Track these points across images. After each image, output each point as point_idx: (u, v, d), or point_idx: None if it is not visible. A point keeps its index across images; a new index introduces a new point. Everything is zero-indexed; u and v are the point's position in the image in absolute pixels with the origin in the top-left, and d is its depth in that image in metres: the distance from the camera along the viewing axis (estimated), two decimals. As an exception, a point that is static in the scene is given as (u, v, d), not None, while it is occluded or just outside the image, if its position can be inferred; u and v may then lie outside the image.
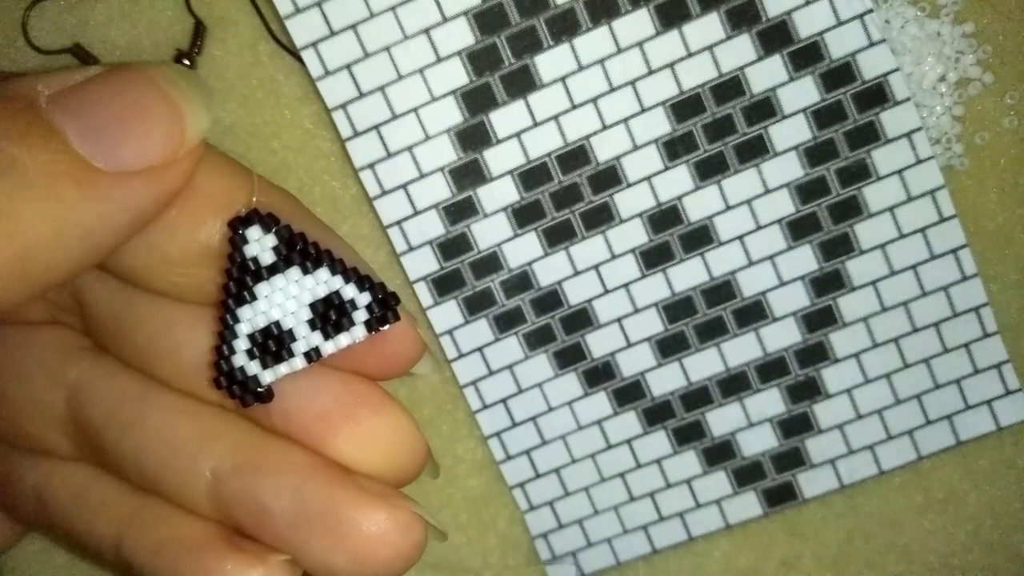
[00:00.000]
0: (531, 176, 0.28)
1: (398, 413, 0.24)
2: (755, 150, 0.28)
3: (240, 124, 0.29)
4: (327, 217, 0.29)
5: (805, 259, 0.29)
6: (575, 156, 0.28)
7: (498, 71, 0.28)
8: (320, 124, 0.29)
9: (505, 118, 0.28)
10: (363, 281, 0.22)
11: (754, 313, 0.29)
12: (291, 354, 0.22)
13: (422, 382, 0.31)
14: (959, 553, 0.31)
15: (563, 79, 0.28)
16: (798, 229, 0.29)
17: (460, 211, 0.29)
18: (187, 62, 0.28)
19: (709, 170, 0.28)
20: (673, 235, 0.29)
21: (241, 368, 0.22)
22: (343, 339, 0.22)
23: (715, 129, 0.28)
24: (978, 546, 0.31)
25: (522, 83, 0.28)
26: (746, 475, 0.30)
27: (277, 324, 0.22)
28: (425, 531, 0.23)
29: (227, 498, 0.23)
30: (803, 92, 0.28)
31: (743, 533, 0.31)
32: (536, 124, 0.28)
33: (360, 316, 0.22)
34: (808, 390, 0.30)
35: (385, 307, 0.22)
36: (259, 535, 0.23)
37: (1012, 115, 0.28)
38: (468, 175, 0.28)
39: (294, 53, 0.28)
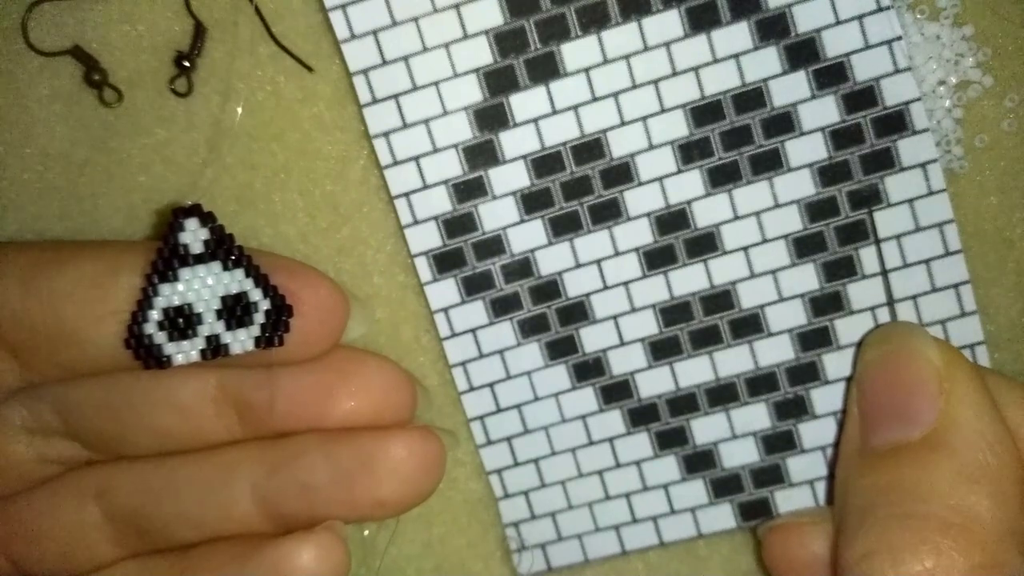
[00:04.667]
0: (544, 163, 0.28)
1: (377, 358, 0.27)
2: (769, 163, 0.28)
3: (240, 127, 0.29)
4: (327, 220, 0.29)
5: (807, 277, 0.29)
6: (590, 148, 0.28)
7: (523, 55, 0.28)
8: (320, 127, 0.29)
9: (524, 102, 0.28)
10: (269, 290, 0.25)
11: (750, 325, 0.29)
12: (195, 334, 0.25)
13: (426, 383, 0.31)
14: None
15: (587, 70, 0.28)
16: (803, 247, 0.29)
17: (469, 190, 0.28)
18: (187, 63, 0.28)
19: (721, 178, 0.28)
20: (678, 239, 0.29)
21: (150, 336, 0.25)
22: (241, 334, 0.25)
23: (732, 138, 0.28)
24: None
25: (545, 69, 0.28)
26: (724, 486, 0.30)
27: (190, 306, 0.25)
28: (439, 436, 0.27)
29: (273, 497, 0.26)
30: (823, 111, 0.28)
31: (745, 536, 0.31)
32: (555, 112, 0.28)
33: (259, 318, 0.25)
34: (795, 408, 0.29)
35: (280, 315, 0.25)
36: (310, 513, 0.26)
37: (1012, 118, 0.28)
38: (481, 155, 0.28)
39: (295, 55, 0.28)
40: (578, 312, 0.29)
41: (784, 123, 0.28)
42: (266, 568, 0.26)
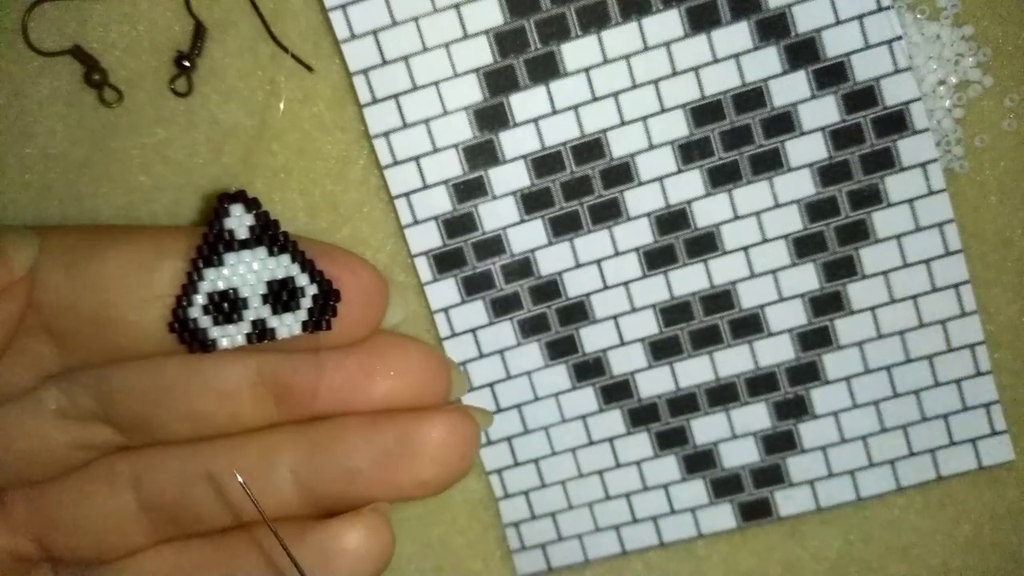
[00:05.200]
0: (544, 163, 0.28)
1: (415, 342, 0.28)
2: (769, 163, 0.28)
3: (240, 126, 0.29)
4: (327, 220, 0.29)
5: (807, 277, 0.29)
6: (590, 148, 0.28)
7: (523, 55, 0.28)
8: (320, 127, 0.29)
9: (524, 102, 0.28)
10: (316, 275, 0.25)
11: (750, 325, 0.29)
12: (240, 319, 0.25)
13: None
14: (959, 555, 0.31)
15: (587, 70, 0.28)
16: (803, 247, 0.29)
17: (469, 190, 0.28)
18: (187, 63, 0.28)
19: (721, 178, 0.28)
20: (679, 238, 0.29)
21: (195, 320, 0.25)
22: (287, 318, 0.25)
23: (732, 137, 0.28)
24: (978, 548, 0.30)
25: (546, 69, 0.28)
26: (724, 486, 0.30)
27: (235, 291, 0.25)
28: (474, 416, 0.27)
29: (314, 479, 0.26)
30: (824, 111, 0.28)
31: (743, 536, 0.31)
32: (555, 112, 0.28)
33: (306, 303, 0.25)
34: (795, 408, 0.29)
35: (328, 300, 0.25)
36: (351, 495, 0.26)
37: (1011, 118, 0.28)
38: (481, 155, 0.28)
39: (294, 55, 0.28)
40: (578, 312, 0.29)
41: (784, 123, 0.28)
42: (314, 550, 0.26)
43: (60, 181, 0.29)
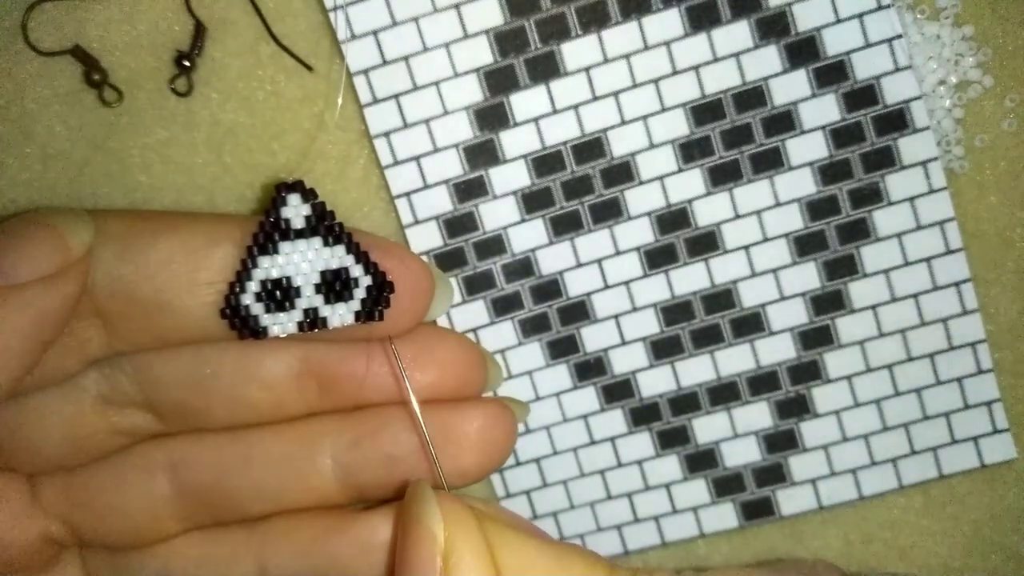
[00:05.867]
0: (544, 163, 0.28)
1: (455, 335, 0.29)
2: (770, 162, 0.28)
3: (240, 126, 0.29)
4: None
5: (808, 276, 0.29)
6: (590, 148, 0.28)
7: (523, 54, 0.28)
8: (321, 126, 0.29)
9: (525, 102, 0.28)
10: (370, 266, 0.25)
11: (751, 324, 0.29)
12: (292, 307, 0.25)
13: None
14: (958, 555, 0.31)
15: (587, 69, 0.28)
16: (804, 245, 0.29)
17: (470, 190, 0.28)
18: (187, 63, 0.28)
19: (722, 177, 0.28)
20: (679, 238, 0.29)
21: (247, 307, 0.25)
22: (340, 308, 0.25)
23: (732, 136, 0.28)
24: (977, 548, 0.30)
25: (546, 69, 0.28)
26: (726, 486, 0.30)
27: (288, 280, 0.25)
28: (511, 407, 0.28)
29: (355, 467, 0.27)
30: (824, 109, 0.28)
31: (745, 536, 0.31)
32: (555, 111, 0.28)
33: (359, 294, 0.25)
34: (797, 407, 0.29)
35: (381, 291, 0.25)
36: (392, 483, 0.27)
37: (1012, 118, 0.28)
38: (482, 154, 0.28)
39: (294, 55, 0.28)
40: (579, 311, 0.29)
41: (785, 122, 0.28)
42: (351, 542, 0.26)
43: (60, 181, 0.29)
